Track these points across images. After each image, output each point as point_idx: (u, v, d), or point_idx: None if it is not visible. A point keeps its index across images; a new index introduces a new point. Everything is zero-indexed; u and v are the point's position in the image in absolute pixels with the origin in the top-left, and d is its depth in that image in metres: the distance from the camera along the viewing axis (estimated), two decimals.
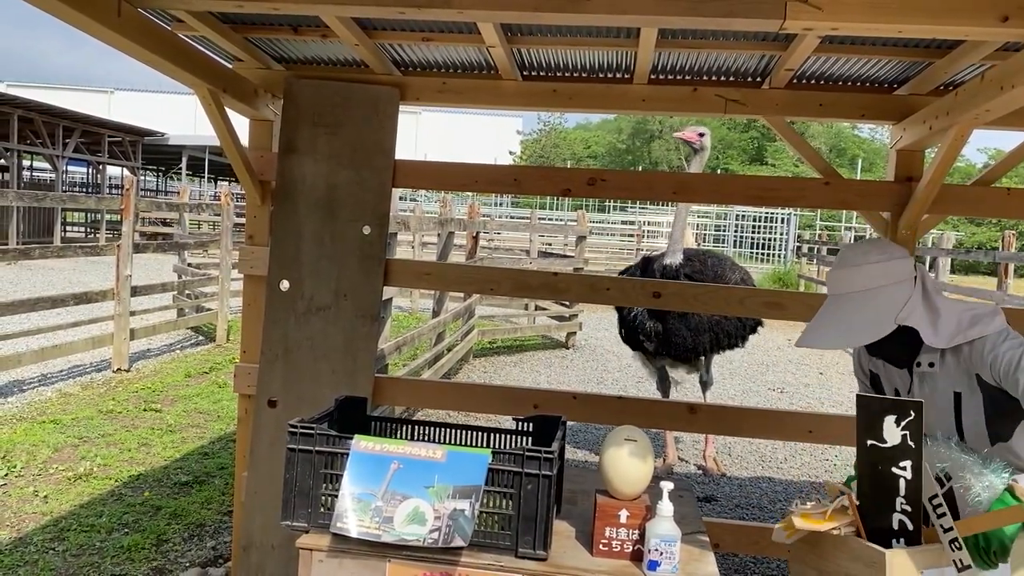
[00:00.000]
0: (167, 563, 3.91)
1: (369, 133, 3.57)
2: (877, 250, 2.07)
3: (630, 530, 2.20)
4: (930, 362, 2.05)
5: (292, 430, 2.25)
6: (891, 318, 1.99)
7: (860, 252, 2.08)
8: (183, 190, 13.36)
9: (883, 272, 2.04)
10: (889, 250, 2.08)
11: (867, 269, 2.04)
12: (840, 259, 2.13)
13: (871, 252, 2.06)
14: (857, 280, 2.05)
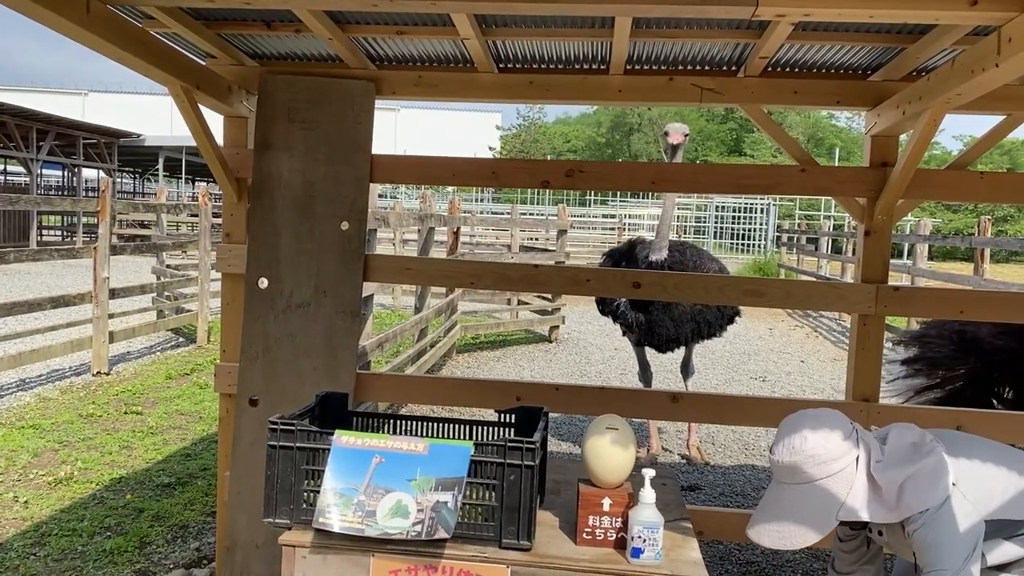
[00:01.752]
0: (150, 565, 3.89)
1: (345, 128, 3.55)
2: (811, 432, 2.04)
3: (613, 518, 2.21)
4: (879, 530, 2.19)
5: (272, 427, 2.24)
6: (832, 514, 2.01)
7: (799, 439, 2.04)
8: (160, 191, 13.24)
9: (822, 457, 2.02)
10: (824, 429, 2.04)
11: (803, 459, 2.02)
12: (778, 437, 2.11)
13: (808, 438, 2.03)
14: (796, 473, 2.04)
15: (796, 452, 2.03)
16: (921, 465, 2.05)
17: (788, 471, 2.06)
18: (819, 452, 2.02)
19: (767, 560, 4.23)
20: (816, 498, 2.01)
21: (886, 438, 2.17)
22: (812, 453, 2.02)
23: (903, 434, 2.18)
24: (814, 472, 2.02)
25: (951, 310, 3.42)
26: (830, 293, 3.51)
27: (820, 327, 14.24)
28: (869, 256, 3.38)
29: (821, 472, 2.02)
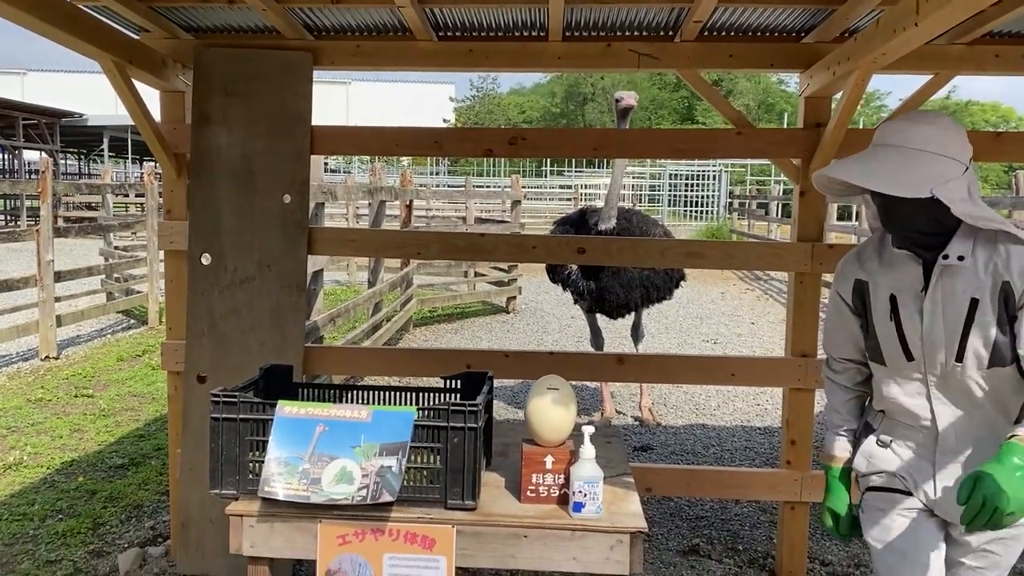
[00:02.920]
0: (104, 545, 3.87)
1: (284, 100, 3.52)
2: (949, 122, 1.89)
3: (556, 475, 2.26)
4: (960, 255, 1.85)
5: (215, 399, 2.25)
6: (929, 185, 1.78)
7: (932, 115, 1.89)
8: (105, 171, 12.94)
9: (944, 141, 1.85)
10: (959, 128, 1.89)
11: (930, 132, 1.85)
12: (907, 115, 1.95)
13: (943, 120, 1.88)
14: (915, 137, 1.85)
15: (930, 118, 1.88)
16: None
17: (906, 130, 1.87)
18: (950, 129, 1.86)
19: (716, 515, 4.35)
20: (920, 165, 1.82)
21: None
22: (944, 127, 1.86)
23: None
24: (936, 140, 1.84)
25: None
26: (768, 253, 3.59)
27: (771, 290, 14.50)
28: (804, 216, 3.47)
29: (940, 146, 1.83)
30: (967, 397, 1.91)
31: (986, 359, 1.85)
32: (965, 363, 1.88)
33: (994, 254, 1.84)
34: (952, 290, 1.87)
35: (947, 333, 1.88)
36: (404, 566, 2.14)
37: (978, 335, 1.85)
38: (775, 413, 6.41)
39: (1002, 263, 1.83)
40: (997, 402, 1.91)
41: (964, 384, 1.90)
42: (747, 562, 3.80)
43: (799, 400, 3.54)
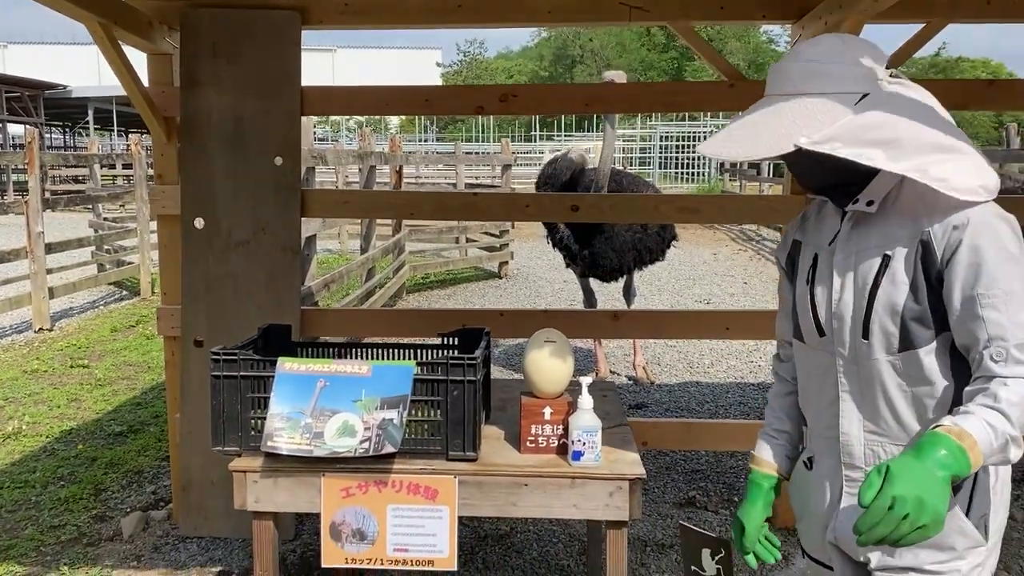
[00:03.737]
0: (107, 510, 3.91)
1: (272, 61, 3.49)
2: (830, 44, 1.48)
3: (554, 426, 2.29)
4: (869, 200, 1.51)
5: (215, 357, 2.26)
6: (790, 138, 1.43)
7: (808, 45, 1.50)
8: (92, 143, 12.83)
9: (816, 73, 1.45)
10: (848, 46, 1.46)
11: (796, 68, 1.47)
12: (787, 53, 1.61)
13: (820, 46, 1.48)
14: (782, 81, 1.49)
15: (798, 56, 1.49)
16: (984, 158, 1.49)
17: (774, 79, 1.51)
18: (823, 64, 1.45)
19: (711, 468, 4.41)
20: (778, 115, 1.46)
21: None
22: (821, 53, 1.46)
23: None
24: (799, 84, 1.46)
25: None
26: (761, 206, 3.60)
27: (763, 250, 14.53)
28: None
29: (805, 86, 1.46)
30: (882, 396, 1.50)
31: (896, 337, 1.47)
32: (871, 341, 1.50)
33: (917, 200, 1.47)
34: (861, 244, 1.53)
35: (855, 299, 1.53)
36: (408, 516, 2.17)
37: (885, 303, 1.48)
38: (768, 369, 6.46)
39: (925, 210, 1.45)
40: (918, 410, 1.49)
41: (875, 374, 1.51)
42: None
43: None
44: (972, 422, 1.33)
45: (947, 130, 1.45)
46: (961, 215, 1.42)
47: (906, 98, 1.45)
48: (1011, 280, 1.39)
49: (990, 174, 1.45)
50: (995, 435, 1.32)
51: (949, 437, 1.31)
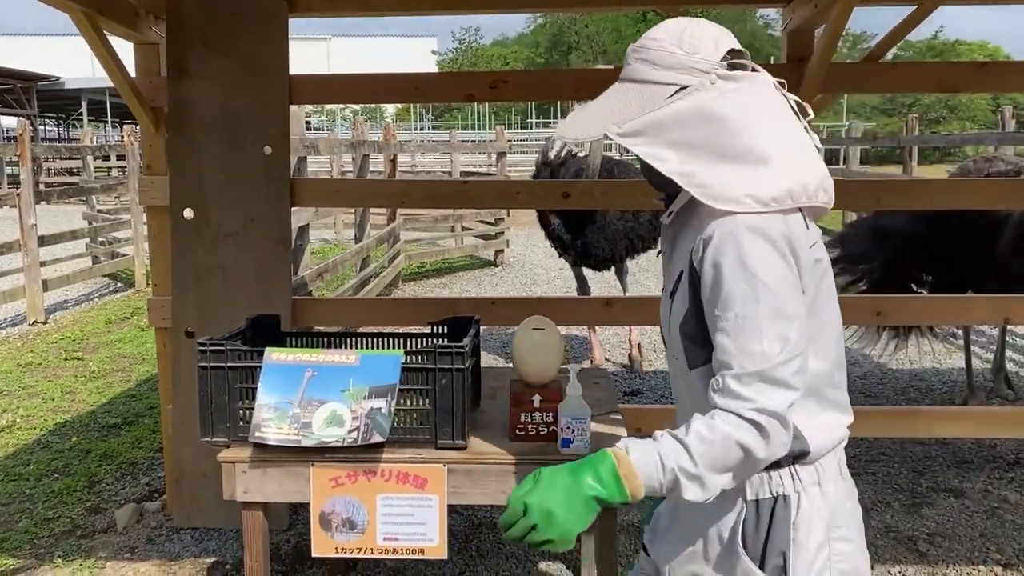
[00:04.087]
0: (101, 502, 3.91)
1: (260, 49, 3.46)
2: (667, 29, 1.40)
3: (544, 413, 2.28)
4: (671, 210, 1.46)
5: (202, 348, 2.25)
6: (600, 126, 1.39)
7: (657, 27, 1.43)
8: (85, 134, 12.77)
9: (645, 59, 1.39)
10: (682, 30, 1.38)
11: (631, 55, 1.43)
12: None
13: (658, 30, 1.41)
14: (624, 63, 1.46)
15: (639, 43, 1.43)
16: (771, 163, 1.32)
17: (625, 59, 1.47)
18: (653, 52, 1.39)
19: None
20: (603, 99, 1.44)
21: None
22: (654, 39, 1.40)
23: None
24: (628, 71, 1.42)
25: (869, 200, 3.54)
26: None
27: None
28: None
29: (630, 72, 1.42)
30: (693, 411, 1.37)
31: (683, 356, 1.42)
32: (675, 357, 1.47)
33: (703, 210, 1.36)
34: (674, 258, 1.47)
35: (663, 315, 1.52)
36: (397, 505, 2.17)
37: (674, 321, 1.43)
38: None
39: (699, 234, 1.35)
40: None
41: (687, 389, 1.47)
42: None
43: None
44: (643, 450, 1.29)
45: (763, 135, 1.33)
46: (710, 227, 1.32)
47: (729, 97, 1.34)
48: (744, 302, 1.28)
49: (778, 185, 1.30)
50: (663, 470, 1.27)
51: (611, 459, 1.29)
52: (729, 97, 1.34)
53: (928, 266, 4.61)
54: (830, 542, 1.38)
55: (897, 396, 5.36)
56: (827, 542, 1.38)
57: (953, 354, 6.34)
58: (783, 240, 1.29)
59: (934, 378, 5.77)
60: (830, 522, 1.39)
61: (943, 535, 3.47)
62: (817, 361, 1.37)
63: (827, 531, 1.39)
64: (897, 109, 38.70)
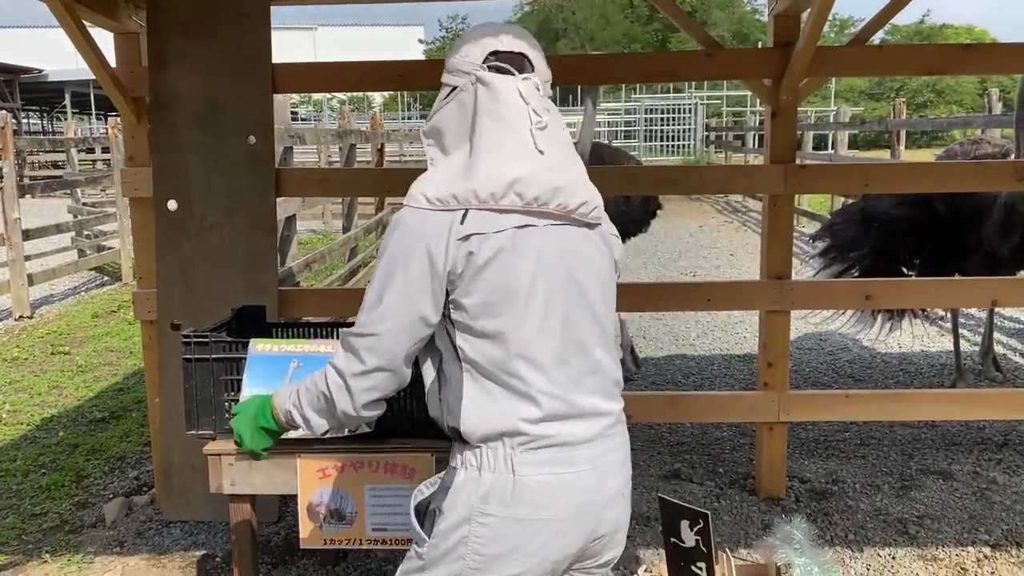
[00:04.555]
0: (89, 497, 3.88)
1: (242, 37, 3.42)
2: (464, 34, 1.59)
3: None
4: None
5: (186, 340, 2.23)
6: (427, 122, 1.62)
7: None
8: (68, 126, 12.62)
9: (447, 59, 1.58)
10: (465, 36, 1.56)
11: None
12: None
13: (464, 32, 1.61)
14: None
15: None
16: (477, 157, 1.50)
17: None
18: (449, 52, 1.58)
19: (696, 440, 4.42)
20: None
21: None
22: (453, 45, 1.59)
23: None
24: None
25: (857, 184, 3.53)
26: (741, 176, 3.58)
27: (749, 221, 14.54)
28: (776, 137, 3.44)
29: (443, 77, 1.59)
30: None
31: None
32: None
33: None
34: None
35: None
36: (385, 496, 2.15)
37: None
38: (753, 341, 6.47)
39: None
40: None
41: None
42: (728, 483, 3.87)
43: (775, 322, 3.57)
44: (287, 390, 1.71)
45: (474, 138, 1.49)
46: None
47: (469, 99, 1.51)
48: (372, 277, 1.55)
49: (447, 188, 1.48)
50: (287, 405, 1.68)
51: (270, 398, 1.75)
52: (469, 99, 1.51)
53: (916, 250, 4.62)
54: (472, 523, 1.51)
55: (886, 380, 5.38)
56: (469, 521, 1.51)
57: (941, 337, 6.37)
58: (416, 235, 1.49)
59: (923, 361, 5.79)
60: (477, 506, 1.51)
61: (932, 517, 3.48)
62: (491, 346, 1.50)
63: (470, 512, 1.51)
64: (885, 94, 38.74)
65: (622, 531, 1.64)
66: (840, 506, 3.60)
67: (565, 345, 1.53)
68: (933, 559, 3.16)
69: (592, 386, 1.57)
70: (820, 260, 4.89)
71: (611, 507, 1.58)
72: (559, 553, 1.53)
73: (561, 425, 1.51)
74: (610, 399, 1.60)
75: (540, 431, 1.50)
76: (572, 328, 1.54)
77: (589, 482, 1.53)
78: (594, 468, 1.54)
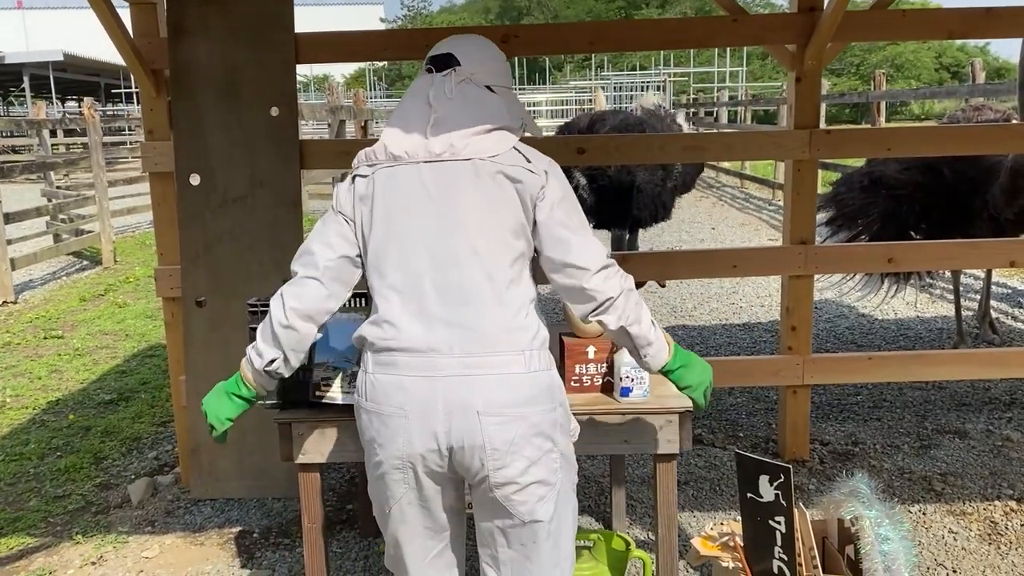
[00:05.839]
0: (111, 478, 3.83)
1: (264, 5, 3.35)
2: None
3: (598, 364, 2.28)
4: None
5: (253, 309, 2.20)
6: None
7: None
8: (39, 107, 12.25)
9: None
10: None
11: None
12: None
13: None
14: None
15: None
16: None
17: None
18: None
19: (712, 407, 4.46)
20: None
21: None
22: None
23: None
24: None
25: (880, 148, 3.57)
26: (767, 142, 3.60)
27: (724, 196, 14.66)
28: (801, 102, 3.47)
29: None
30: None
31: None
32: None
33: None
34: None
35: None
36: None
37: None
38: (750, 310, 6.55)
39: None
40: None
41: None
42: (750, 447, 3.92)
43: (799, 287, 3.61)
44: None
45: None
46: None
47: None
48: None
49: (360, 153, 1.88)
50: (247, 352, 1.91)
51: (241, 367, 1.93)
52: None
53: (923, 215, 4.70)
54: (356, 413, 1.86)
55: (888, 345, 5.48)
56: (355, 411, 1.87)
57: (935, 303, 6.50)
58: (337, 188, 1.92)
59: (920, 327, 5.90)
60: (357, 399, 1.84)
61: (955, 474, 3.57)
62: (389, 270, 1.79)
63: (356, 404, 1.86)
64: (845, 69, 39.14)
65: (500, 452, 1.73)
66: (864, 466, 3.67)
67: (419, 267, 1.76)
68: (962, 514, 3.25)
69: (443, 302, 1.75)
70: (827, 229, 4.95)
71: (462, 419, 1.72)
72: (405, 449, 1.75)
73: (397, 332, 1.75)
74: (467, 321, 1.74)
75: (384, 335, 1.76)
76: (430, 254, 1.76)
77: (420, 387, 1.73)
78: (428, 377, 1.73)
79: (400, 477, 1.78)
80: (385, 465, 1.78)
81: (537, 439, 1.77)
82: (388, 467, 1.78)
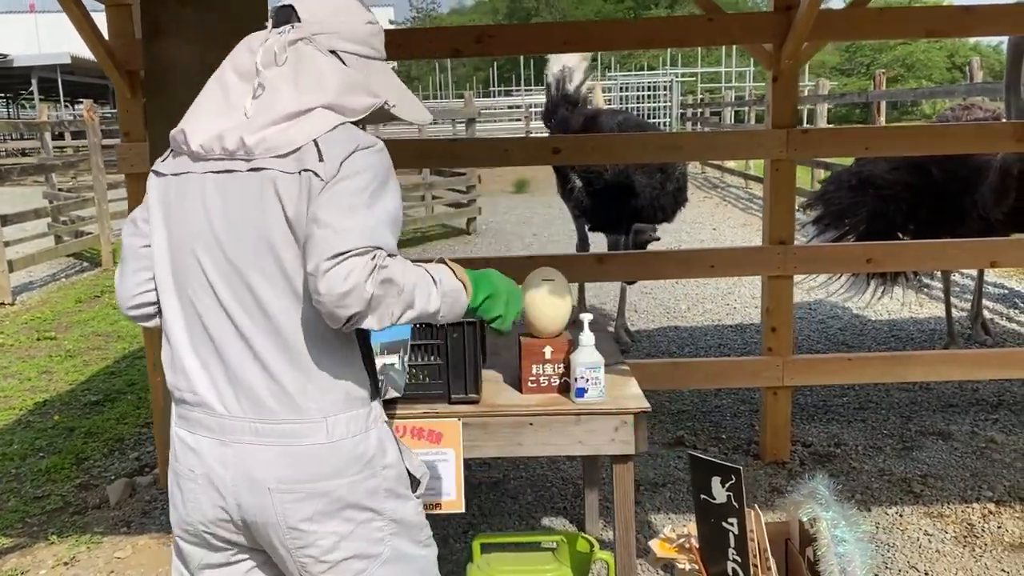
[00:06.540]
0: (91, 479, 3.84)
1: (242, 6, 3.35)
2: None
3: (555, 364, 2.27)
4: None
5: None
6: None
7: None
8: (42, 110, 12.34)
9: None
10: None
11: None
12: None
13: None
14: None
15: None
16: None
17: None
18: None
19: (697, 408, 4.44)
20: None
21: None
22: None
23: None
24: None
25: (857, 147, 3.55)
26: (745, 141, 3.58)
27: (728, 196, 14.62)
28: (778, 101, 3.45)
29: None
30: None
31: None
32: None
33: None
34: None
35: None
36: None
37: None
38: (744, 311, 6.52)
39: None
40: None
41: None
42: (732, 449, 3.90)
43: (778, 287, 3.59)
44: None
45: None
46: None
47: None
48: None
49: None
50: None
51: None
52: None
53: (911, 215, 4.66)
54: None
55: (879, 346, 5.44)
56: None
57: (928, 304, 6.45)
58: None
59: (912, 327, 5.86)
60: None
61: (935, 476, 3.54)
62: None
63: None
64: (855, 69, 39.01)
65: (299, 532, 1.45)
66: (845, 467, 3.64)
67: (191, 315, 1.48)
68: (939, 516, 3.22)
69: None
70: (814, 228, 4.91)
71: (250, 492, 1.43)
72: (197, 515, 1.48)
73: (185, 382, 1.47)
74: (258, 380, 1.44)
75: (175, 385, 1.50)
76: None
77: (209, 449, 1.45)
78: (219, 440, 1.45)
79: (195, 542, 1.53)
80: (176, 529, 1.54)
81: (348, 511, 1.48)
82: (179, 531, 1.53)
